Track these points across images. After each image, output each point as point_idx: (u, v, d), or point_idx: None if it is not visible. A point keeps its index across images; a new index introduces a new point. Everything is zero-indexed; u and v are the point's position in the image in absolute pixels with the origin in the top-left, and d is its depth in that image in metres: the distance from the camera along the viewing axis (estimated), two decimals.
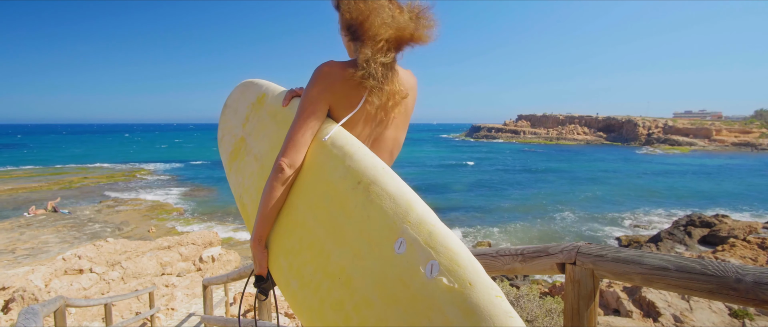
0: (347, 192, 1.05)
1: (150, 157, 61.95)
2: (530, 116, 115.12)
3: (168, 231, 19.75)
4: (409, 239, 0.92)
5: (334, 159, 1.10)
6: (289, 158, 1.12)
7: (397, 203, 0.97)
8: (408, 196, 0.98)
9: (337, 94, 1.15)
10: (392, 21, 1.09)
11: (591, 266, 1.27)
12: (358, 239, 1.00)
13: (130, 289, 10.29)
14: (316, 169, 1.14)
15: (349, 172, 1.06)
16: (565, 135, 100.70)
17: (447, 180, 38.86)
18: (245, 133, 1.49)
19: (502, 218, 23.76)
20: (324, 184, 1.11)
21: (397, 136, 1.29)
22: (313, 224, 1.11)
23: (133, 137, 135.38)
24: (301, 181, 1.17)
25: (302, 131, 1.13)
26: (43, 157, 60.79)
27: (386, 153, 1.27)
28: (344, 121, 1.17)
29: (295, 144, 1.13)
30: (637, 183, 37.54)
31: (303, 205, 1.14)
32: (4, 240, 16.95)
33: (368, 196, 1.01)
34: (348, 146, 1.10)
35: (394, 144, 1.29)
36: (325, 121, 1.18)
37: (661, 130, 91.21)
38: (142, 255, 11.36)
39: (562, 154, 69.30)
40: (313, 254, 1.10)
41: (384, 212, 0.97)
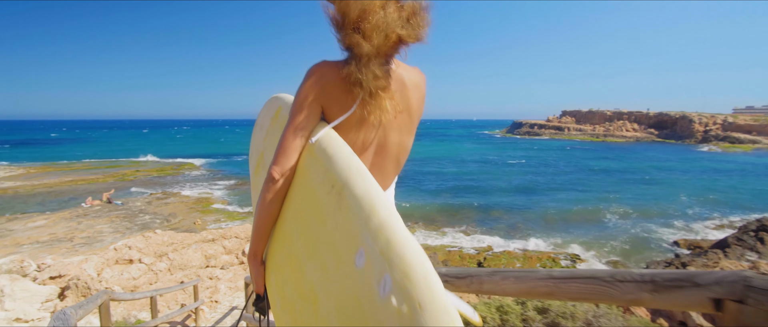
0: (323, 198, 0.98)
1: (197, 152, 64.27)
2: (575, 112, 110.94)
3: (212, 223, 20.29)
4: (368, 249, 0.82)
5: (317, 162, 1.03)
6: (279, 166, 1.06)
7: (361, 207, 0.87)
8: (373, 197, 0.88)
9: (329, 96, 1.07)
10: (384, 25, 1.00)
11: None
12: (327, 251, 0.94)
13: (176, 280, 10.52)
14: (301, 175, 1.07)
15: (326, 176, 0.98)
16: (613, 132, 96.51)
17: (490, 179, 37.81)
18: (265, 147, 1.47)
19: (548, 219, 22.75)
20: (306, 190, 1.04)
21: (403, 140, 1.18)
22: (295, 236, 1.05)
23: (180, 132, 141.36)
24: (291, 189, 1.10)
25: (291, 135, 1.06)
26: (100, 151, 64.59)
27: (392, 160, 1.18)
28: (336, 124, 1.08)
29: (285, 150, 1.06)
30: (693, 183, 35.19)
31: (289, 215, 1.08)
32: (64, 229, 17.93)
33: (339, 201, 0.93)
34: (330, 148, 1.02)
35: (400, 149, 1.19)
36: (318, 124, 1.09)
37: (719, 126, 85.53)
38: (188, 247, 11.60)
39: (610, 151, 66.25)
40: (292, 270, 1.04)
41: (349, 219, 0.89)
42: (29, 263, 8.71)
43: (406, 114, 1.15)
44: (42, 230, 17.53)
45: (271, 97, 1.59)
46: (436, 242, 18.45)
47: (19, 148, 69.77)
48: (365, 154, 1.12)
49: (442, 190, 31.68)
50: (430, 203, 26.28)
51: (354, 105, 1.06)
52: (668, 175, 39.39)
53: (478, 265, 15.49)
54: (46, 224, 18.55)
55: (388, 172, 1.18)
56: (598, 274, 1.24)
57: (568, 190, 31.89)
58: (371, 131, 1.11)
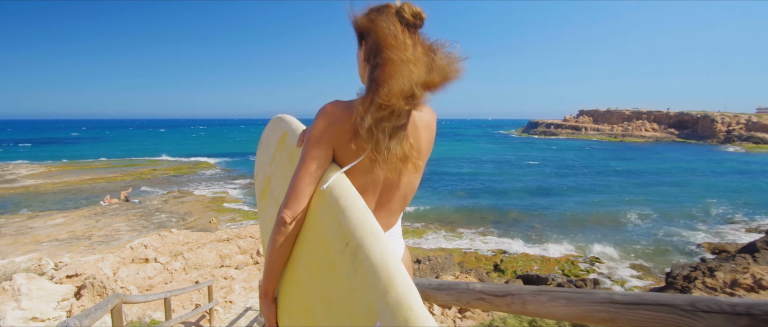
0: (337, 254, 0.97)
1: (213, 151, 64.92)
2: (593, 111, 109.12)
3: (228, 222, 20.37)
4: (386, 324, 0.81)
5: (329, 213, 1.01)
6: (290, 210, 1.05)
7: (378, 276, 0.86)
8: (390, 269, 0.86)
9: (340, 139, 1.05)
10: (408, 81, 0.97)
11: None
12: (342, 312, 0.92)
13: (191, 279, 10.52)
14: (314, 222, 1.06)
15: (339, 231, 0.97)
16: (632, 132, 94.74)
17: (507, 179, 37.27)
18: (271, 172, 1.46)
19: (566, 221, 22.25)
20: (320, 240, 1.03)
21: (411, 180, 1.16)
22: (308, 284, 1.04)
23: (196, 131, 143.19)
24: (303, 232, 1.09)
25: (303, 179, 1.05)
26: (118, 150, 65.70)
27: (399, 199, 1.16)
28: (347, 169, 1.07)
29: (296, 193, 1.05)
30: (717, 184, 34.21)
31: (302, 261, 1.08)
32: (83, 226, 18.16)
33: (354, 263, 0.91)
34: (342, 199, 1.00)
35: (408, 188, 1.17)
36: (330, 166, 1.08)
37: (743, 126, 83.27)
38: (203, 246, 11.60)
39: (630, 152, 64.93)
40: (306, 319, 1.04)
41: (365, 285, 0.87)
42: (47, 261, 8.75)
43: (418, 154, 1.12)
44: (61, 228, 17.78)
45: (276, 117, 1.57)
46: (452, 243, 18.19)
47: (41, 147, 71.41)
48: (373, 194, 1.11)
49: (458, 190, 31.35)
50: (447, 204, 25.99)
51: (366, 151, 1.03)
52: (690, 176, 38.36)
53: (495, 267, 15.21)
54: (65, 222, 18.82)
55: (393, 211, 1.17)
56: (674, 301, 1.04)
57: (587, 192, 31.24)
58: (380, 173, 1.07)
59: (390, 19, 1.03)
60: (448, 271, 13.38)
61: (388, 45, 1.00)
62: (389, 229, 1.18)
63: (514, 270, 15.02)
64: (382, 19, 1.03)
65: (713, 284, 10.04)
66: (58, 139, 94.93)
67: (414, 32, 1.05)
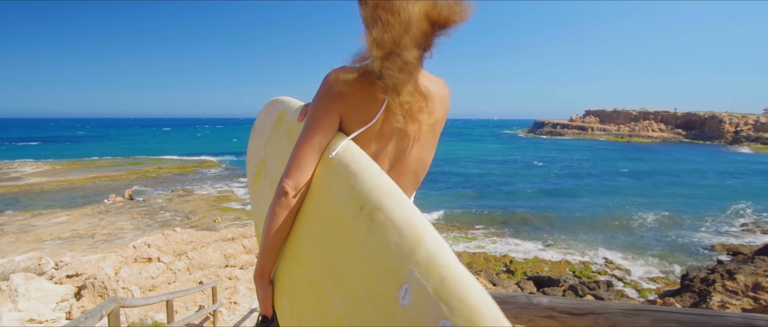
0: (349, 220, 0.87)
1: (218, 150, 64.87)
2: (599, 112, 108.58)
3: (233, 221, 20.15)
4: (416, 286, 0.70)
5: (339, 179, 0.93)
6: (293, 180, 0.97)
7: (402, 236, 0.76)
8: (417, 226, 0.76)
9: (349, 106, 0.97)
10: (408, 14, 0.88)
11: None
12: (358, 282, 0.82)
13: (194, 279, 10.28)
14: (320, 192, 0.97)
15: (352, 195, 0.88)
16: (639, 132, 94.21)
17: (514, 180, 36.82)
18: (266, 154, 1.38)
19: (576, 223, 21.87)
20: (327, 209, 0.93)
21: (423, 155, 1.08)
22: (314, 259, 0.93)
23: (201, 130, 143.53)
24: (305, 206, 1.00)
25: (307, 148, 0.98)
26: (122, 149, 65.79)
27: (410, 175, 1.08)
28: (355, 135, 0.99)
29: (299, 163, 0.97)
30: (728, 185, 33.78)
31: (305, 235, 0.98)
32: (86, 225, 17.99)
33: (371, 226, 0.82)
34: (354, 163, 0.92)
35: (420, 165, 1.08)
36: (335, 135, 1.00)
37: (751, 127, 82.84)
38: (207, 246, 11.36)
39: (637, 152, 64.38)
40: (312, 297, 0.92)
41: (387, 247, 0.77)
42: (47, 261, 8.51)
43: (429, 128, 1.05)
44: (64, 226, 17.61)
45: (272, 100, 1.50)
46: (460, 244, 17.89)
47: (46, 145, 71.69)
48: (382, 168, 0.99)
49: (465, 190, 31.03)
50: (454, 204, 25.68)
51: (377, 115, 0.97)
52: (700, 178, 37.87)
53: (505, 269, 14.89)
54: (69, 220, 18.65)
55: (405, 188, 1.07)
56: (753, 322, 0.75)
57: (596, 192, 30.84)
58: (390, 143, 1.01)
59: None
60: None
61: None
62: None
63: (524, 271, 14.70)
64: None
65: (734, 287, 9.69)
66: (63, 138, 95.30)
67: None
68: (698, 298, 9.50)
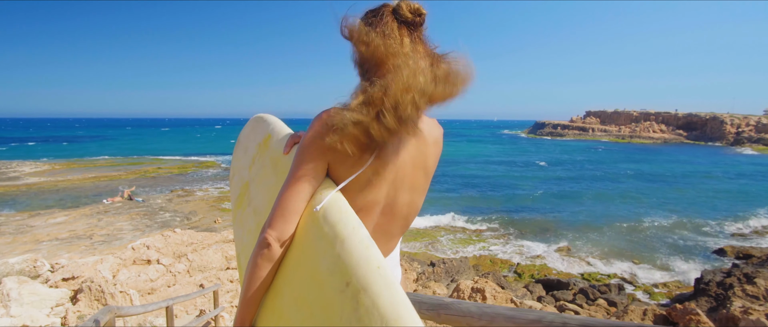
0: (334, 294, 0.82)
1: (217, 150, 64.58)
2: (600, 112, 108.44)
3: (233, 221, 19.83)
4: None
5: (324, 240, 0.87)
6: (276, 231, 0.92)
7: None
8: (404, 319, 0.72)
9: (338, 153, 0.92)
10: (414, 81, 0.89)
11: None
12: None
13: (195, 282, 9.99)
14: (304, 248, 0.91)
15: (337, 265, 0.83)
16: (640, 133, 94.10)
17: (518, 182, 36.39)
18: (250, 177, 1.32)
19: (581, 225, 21.54)
20: (311, 272, 0.87)
21: (414, 200, 1.03)
22: (294, 321, 0.89)
23: (200, 131, 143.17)
24: (288, 257, 0.95)
25: (293, 197, 0.93)
26: (123, 149, 65.40)
27: (400, 219, 1.03)
28: (342, 186, 0.94)
29: (283, 213, 0.92)
30: (734, 186, 33.52)
31: (288, 292, 0.93)
32: (84, 225, 17.67)
33: (356, 309, 0.77)
34: (340, 225, 0.86)
35: (411, 210, 1.03)
36: (323, 182, 0.96)
37: (752, 128, 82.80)
38: (208, 247, 11.05)
39: (640, 153, 64.09)
40: None
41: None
42: (42, 263, 8.20)
43: (422, 172, 1.02)
44: (62, 227, 17.30)
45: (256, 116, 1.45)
46: (466, 246, 17.60)
47: (45, 145, 71.40)
48: (371, 215, 0.98)
49: (469, 192, 30.73)
50: (458, 205, 25.35)
51: (366, 163, 0.93)
52: (705, 179, 37.60)
53: (512, 271, 14.59)
54: (67, 221, 18.34)
55: (393, 235, 1.05)
56: None
57: (602, 194, 30.55)
58: (381, 191, 0.97)
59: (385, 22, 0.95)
60: (464, 275, 12.81)
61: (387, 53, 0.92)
62: (387, 254, 1.06)
63: (531, 274, 14.40)
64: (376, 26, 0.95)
65: (754, 292, 9.38)
66: (61, 138, 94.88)
67: (414, 31, 0.98)
68: (715, 303, 9.21)
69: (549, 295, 11.34)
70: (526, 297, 10.73)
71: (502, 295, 7.56)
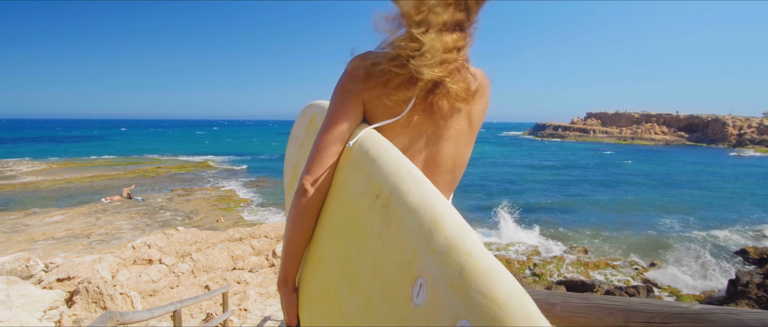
0: (365, 211, 0.79)
1: (218, 150, 63.97)
2: (601, 114, 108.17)
3: (236, 221, 19.21)
4: (431, 280, 0.60)
5: (357, 168, 0.85)
6: (311, 175, 0.88)
7: (418, 221, 0.66)
8: (435, 208, 0.66)
9: (372, 94, 0.88)
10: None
11: None
12: (371, 280, 0.73)
13: (200, 283, 9.37)
14: (339, 187, 0.89)
15: (369, 184, 0.80)
16: (641, 134, 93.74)
17: (526, 182, 35.70)
18: (298, 159, 1.29)
19: (592, 225, 20.98)
20: (345, 204, 0.85)
21: (460, 151, 0.96)
22: (330, 261, 0.86)
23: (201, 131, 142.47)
24: (326, 204, 0.91)
25: (327, 140, 0.89)
26: (121, 148, 64.71)
27: (446, 173, 0.96)
28: (378, 126, 0.90)
29: (319, 157, 0.89)
30: (741, 188, 33.09)
31: (325, 235, 0.90)
32: (81, 224, 17.02)
33: (386, 214, 0.73)
34: (373, 150, 0.83)
35: (457, 160, 0.96)
36: (358, 126, 0.91)
37: (755, 130, 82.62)
38: (213, 247, 10.42)
39: (644, 154, 63.64)
40: (328, 303, 0.85)
41: (401, 236, 0.68)
42: (36, 262, 7.57)
43: (466, 121, 0.95)
44: (58, 226, 16.63)
45: (307, 104, 1.42)
46: (490, 247, 16.96)
47: (42, 145, 70.54)
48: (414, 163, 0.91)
49: (478, 192, 30.10)
50: (465, 205, 24.80)
51: (406, 109, 0.87)
52: (713, 180, 37.07)
53: (530, 273, 13.98)
54: (64, 220, 17.67)
55: (441, 188, 0.95)
56: None
57: (613, 195, 29.99)
58: (422, 138, 0.91)
59: None
60: None
61: None
62: None
63: (550, 274, 13.81)
64: None
65: None
66: (60, 138, 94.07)
67: None
68: (759, 306, 8.60)
69: None
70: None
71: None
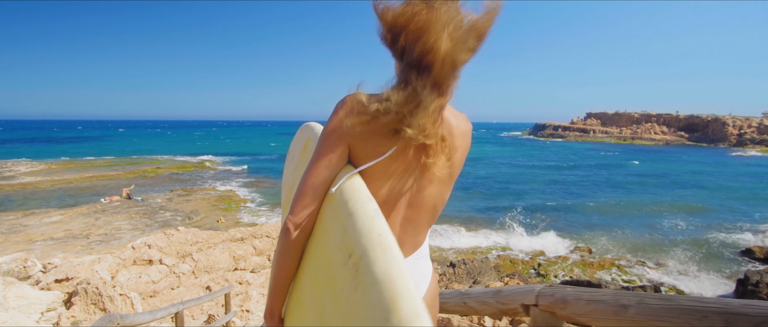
0: (338, 268, 0.81)
1: (218, 151, 63.74)
2: (600, 114, 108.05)
3: (236, 221, 19.03)
4: None
5: (336, 219, 0.87)
6: (295, 217, 0.91)
7: (380, 296, 0.69)
8: (395, 284, 0.69)
9: (358, 138, 0.91)
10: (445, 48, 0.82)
11: None
12: None
13: (201, 284, 9.20)
14: (321, 232, 0.92)
15: (344, 239, 0.82)
16: (641, 134, 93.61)
17: (527, 182, 35.46)
18: (293, 181, 1.34)
19: (596, 224, 20.80)
20: (324, 252, 0.88)
21: (441, 192, 1.01)
22: (310, 305, 0.90)
23: (201, 132, 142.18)
24: (308, 245, 0.95)
25: (311, 182, 0.92)
26: (120, 149, 64.42)
27: (428, 211, 1.00)
28: (361, 170, 0.92)
29: (303, 199, 0.92)
30: (743, 187, 32.99)
31: (308, 277, 0.93)
32: (81, 225, 16.83)
33: (355, 278, 0.75)
34: (351, 202, 0.85)
35: (437, 201, 1.01)
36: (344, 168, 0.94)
37: (755, 129, 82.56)
38: (214, 247, 10.27)
39: (645, 154, 63.44)
40: None
41: (365, 307, 0.71)
42: (33, 263, 7.41)
43: (447, 165, 0.96)
44: (57, 226, 16.44)
45: (303, 125, 1.45)
46: (483, 245, 16.83)
47: (41, 145, 70.29)
48: (397, 206, 0.96)
49: (480, 192, 29.89)
50: (471, 205, 24.62)
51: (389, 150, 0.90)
52: (715, 180, 36.86)
53: (535, 272, 13.81)
54: (63, 220, 17.48)
55: (421, 227, 1.02)
56: None
57: (615, 194, 29.83)
58: (406, 181, 0.95)
59: None
60: (485, 276, 12.04)
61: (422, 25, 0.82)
62: (416, 249, 1.03)
63: (554, 274, 13.63)
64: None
65: None
66: (59, 138, 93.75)
67: None
68: None
69: None
70: None
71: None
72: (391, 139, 0.88)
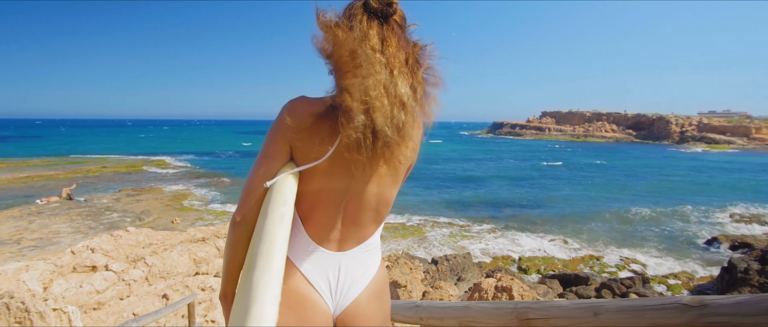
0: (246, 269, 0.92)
1: (168, 149, 60.41)
2: (555, 113, 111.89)
3: (193, 222, 17.51)
4: None
5: (261, 216, 0.93)
6: (240, 211, 0.96)
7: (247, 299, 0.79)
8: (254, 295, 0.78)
9: (301, 139, 0.93)
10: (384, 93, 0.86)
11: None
12: None
13: (156, 292, 7.91)
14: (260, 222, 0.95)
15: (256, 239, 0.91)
16: (593, 132, 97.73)
17: (491, 179, 35.76)
18: None
19: (569, 219, 20.95)
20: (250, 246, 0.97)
21: (382, 191, 0.99)
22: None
23: (144, 131, 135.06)
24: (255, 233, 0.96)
25: (254, 177, 0.96)
26: (62, 149, 59.45)
27: (370, 211, 1.00)
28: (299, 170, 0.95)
29: (247, 193, 0.96)
30: (696, 180, 34.80)
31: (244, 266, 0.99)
32: (10, 229, 14.80)
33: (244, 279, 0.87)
34: (270, 204, 0.90)
35: (380, 199, 1.00)
36: (287, 164, 0.96)
37: (695, 128, 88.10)
38: (171, 249, 8.93)
39: (596, 151, 66.27)
40: None
41: (238, 302, 0.83)
42: None
43: (388, 165, 0.97)
44: None
45: None
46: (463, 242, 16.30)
47: None
48: (338, 204, 0.98)
49: (446, 190, 29.66)
50: (438, 203, 24.12)
51: (327, 153, 0.91)
52: (669, 174, 38.76)
53: (517, 268, 13.36)
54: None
55: (365, 225, 1.02)
56: None
57: (581, 189, 30.63)
58: (343, 180, 0.95)
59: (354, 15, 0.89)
60: (469, 272, 11.41)
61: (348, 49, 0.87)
62: (361, 242, 1.03)
63: (537, 269, 13.24)
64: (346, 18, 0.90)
65: None
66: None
67: (385, 23, 0.92)
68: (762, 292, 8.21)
69: (570, 292, 10.16)
70: (549, 294, 9.46)
71: (530, 293, 6.29)
72: (332, 141, 0.90)
